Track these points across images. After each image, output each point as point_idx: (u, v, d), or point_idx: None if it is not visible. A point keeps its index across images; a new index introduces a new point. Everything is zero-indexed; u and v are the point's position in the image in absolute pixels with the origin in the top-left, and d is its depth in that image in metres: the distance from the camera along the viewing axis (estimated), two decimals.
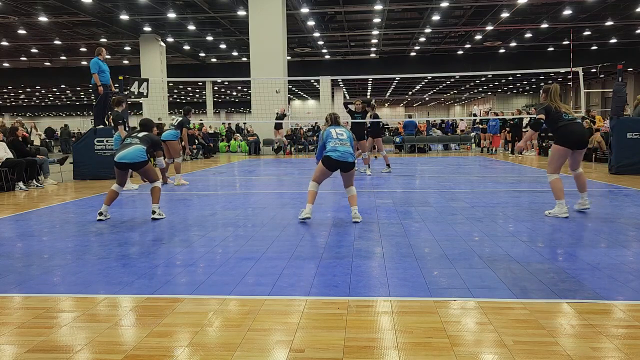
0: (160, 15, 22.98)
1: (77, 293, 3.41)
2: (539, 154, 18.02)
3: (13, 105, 62.48)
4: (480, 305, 3.04)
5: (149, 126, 6.68)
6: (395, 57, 34.11)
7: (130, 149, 6.16)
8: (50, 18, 22.48)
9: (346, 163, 5.71)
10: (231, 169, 14.49)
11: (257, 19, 18.14)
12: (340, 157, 5.67)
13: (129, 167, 6.26)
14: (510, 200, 7.24)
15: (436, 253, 4.29)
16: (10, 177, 9.58)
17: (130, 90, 11.99)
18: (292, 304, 3.13)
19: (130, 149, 6.15)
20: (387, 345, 2.53)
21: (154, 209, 6.16)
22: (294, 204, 7.25)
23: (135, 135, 6.36)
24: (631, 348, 2.46)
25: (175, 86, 45.45)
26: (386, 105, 71.57)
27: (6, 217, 6.62)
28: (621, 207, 6.57)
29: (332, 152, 5.71)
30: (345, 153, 5.70)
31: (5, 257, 4.41)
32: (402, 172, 12.39)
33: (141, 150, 6.18)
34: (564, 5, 21.63)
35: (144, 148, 6.22)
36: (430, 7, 21.94)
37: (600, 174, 10.78)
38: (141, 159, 6.16)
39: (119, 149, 6.26)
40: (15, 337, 2.71)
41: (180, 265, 4.03)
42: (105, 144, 11.31)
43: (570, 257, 4.10)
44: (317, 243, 4.75)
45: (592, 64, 16.91)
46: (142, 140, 6.30)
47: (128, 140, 6.29)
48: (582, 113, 14.08)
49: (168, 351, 2.51)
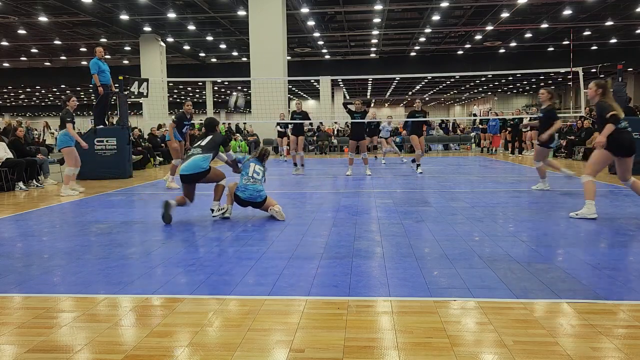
0: (160, 15, 22.97)
1: (77, 293, 3.41)
2: None
3: (13, 105, 62.44)
4: (480, 305, 3.04)
5: (212, 125, 6.31)
6: (395, 57, 34.09)
7: (190, 160, 5.93)
8: (50, 18, 22.46)
9: (255, 203, 6.04)
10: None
11: (257, 19, 18.14)
12: (249, 197, 6.00)
13: (191, 179, 5.97)
14: (510, 200, 7.24)
15: (436, 253, 4.29)
16: (10, 177, 9.58)
17: (130, 90, 11.98)
18: (292, 304, 3.13)
19: (190, 161, 5.93)
20: (387, 345, 2.53)
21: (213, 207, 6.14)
22: (294, 203, 7.25)
23: (199, 145, 6.08)
24: (631, 348, 2.46)
25: (175, 86, 45.43)
26: (386, 105, 71.53)
27: (6, 217, 6.62)
28: (621, 207, 6.57)
29: (242, 192, 6.01)
30: (254, 193, 5.99)
31: (5, 257, 4.41)
32: (402, 172, 12.39)
33: (202, 160, 5.92)
34: (564, 5, 21.62)
35: (205, 157, 5.95)
36: (430, 7, 21.93)
37: (600, 174, 10.73)
38: (201, 169, 5.92)
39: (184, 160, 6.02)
40: (15, 337, 2.71)
41: (180, 265, 4.03)
42: (105, 144, 11.30)
43: (570, 257, 4.10)
44: (317, 243, 4.75)
45: (592, 64, 16.89)
46: (205, 148, 6.03)
47: (191, 151, 6.05)
48: (582, 113, 14.07)
49: (168, 351, 2.51)
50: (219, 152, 6.26)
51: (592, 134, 14.80)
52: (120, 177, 11.22)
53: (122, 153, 11.38)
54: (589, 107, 15.12)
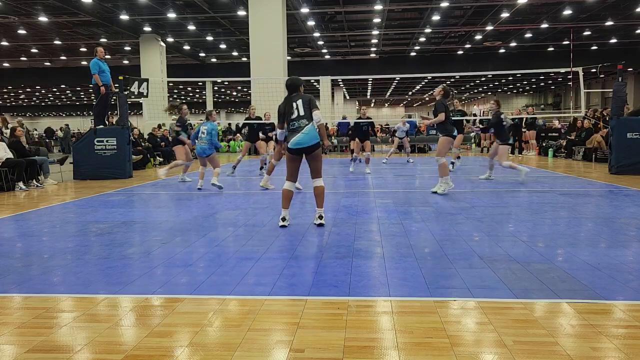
0: (160, 15, 22.97)
1: (77, 293, 3.41)
2: (538, 154, 18.01)
3: (13, 105, 62.43)
4: (480, 305, 3.04)
5: (297, 85, 5.62)
6: (395, 57, 34.06)
7: (305, 131, 5.37)
8: (50, 18, 22.45)
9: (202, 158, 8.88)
10: (231, 168, 14.45)
11: (257, 19, 18.12)
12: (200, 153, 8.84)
13: (308, 151, 5.43)
14: (510, 200, 7.24)
15: (436, 253, 4.29)
16: (10, 177, 9.58)
17: (130, 90, 11.99)
18: (292, 304, 3.13)
19: (306, 132, 5.36)
20: (387, 345, 2.53)
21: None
22: (294, 203, 7.25)
23: (298, 115, 5.43)
24: (631, 348, 2.46)
25: (175, 86, 45.41)
26: (386, 105, 71.53)
27: (6, 217, 6.61)
28: (621, 207, 6.57)
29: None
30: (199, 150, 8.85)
31: (5, 257, 4.41)
32: (402, 172, 12.39)
33: (314, 129, 5.39)
34: (564, 5, 21.62)
35: (313, 126, 5.41)
36: (430, 7, 21.92)
37: (600, 174, 10.77)
38: (317, 140, 5.42)
39: (290, 136, 5.40)
40: (15, 337, 2.71)
41: (180, 265, 4.03)
42: (105, 144, 11.30)
43: (570, 257, 4.10)
44: (317, 243, 4.75)
45: (592, 64, 16.88)
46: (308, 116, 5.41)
47: (297, 123, 5.41)
48: (581, 113, 14.06)
49: (168, 351, 2.51)
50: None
51: (592, 134, 14.80)
52: (120, 177, 11.22)
53: (122, 153, 11.38)
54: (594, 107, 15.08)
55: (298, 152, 5.46)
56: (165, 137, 17.60)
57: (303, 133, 5.35)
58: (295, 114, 5.43)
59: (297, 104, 5.46)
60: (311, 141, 5.37)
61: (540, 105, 53.27)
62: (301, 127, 5.38)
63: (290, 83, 5.62)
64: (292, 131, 5.42)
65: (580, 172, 11.48)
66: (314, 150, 5.43)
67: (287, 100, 5.55)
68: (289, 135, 5.45)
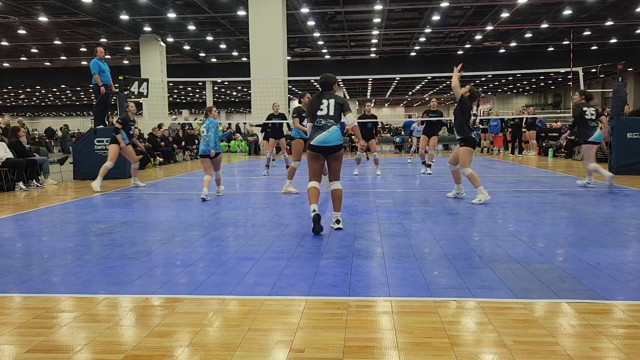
0: (160, 15, 22.97)
1: (77, 293, 3.41)
2: (538, 154, 18.01)
3: (13, 105, 62.44)
4: (480, 305, 3.04)
5: (330, 83, 5.53)
6: (395, 57, 34.06)
7: (331, 130, 5.25)
8: (50, 18, 22.45)
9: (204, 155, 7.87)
10: (231, 169, 14.47)
11: (257, 19, 18.12)
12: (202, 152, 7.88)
13: (332, 150, 5.30)
14: (510, 200, 7.24)
15: (436, 253, 4.29)
16: (10, 177, 9.58)
17: (130, 90, 11.99)
18: (292, 304, 3.13)
19: (331, 131, 5.25)
20: (387, 345, 2.53)
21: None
22: (294, 203, 7.25)
23: (327, 114, 5.30)
24: (631, 348, 2.46)
25: (175, 86, 45.41)
26: (386, 105, 71.53)
27: (6, 217, 6.61)
28: (621, 207, 6.57)
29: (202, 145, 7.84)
30: (203, 147, 7.86)
31: (5, 257, 4.41)
32: (402, 172, 12.39)
33: (338, 130, 5.31)
34: (564, 5, 21.62)
35: (339, 127, 5.34)
36: (430, 7, 21.93)
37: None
38: (341, 141, 5.33)
39: (313, 134, 5.29)
40: (15, 337, 2.71)
41: (180, 265, 4.03)
42: (105, 144, 11.29)
43: (570, 257, 4.10)
44: (317, 243, 4.75)
45: (592, 64, 16.91)
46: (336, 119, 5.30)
47: (323, 122, 5.28)
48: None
49: (168, 351, 2.51)
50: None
51: None
52: (120, 177, 11.22)
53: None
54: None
55: (322, 151, 5.32)
56: (165, 137, 17.60)
57: (328, 132, 5.24)
58: (324, 112, 5.32)
59: (328, 102, 5.37)
60: (336, 141, 5.27)
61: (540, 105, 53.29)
62: (327, 127, 5.26)
63: (324, 81, 5.56)
64: (316, 128, 5.32)
65: (581, 172, 11.46)
66: (337, 150, 5.33)
67: (319, 96, 5.46)
68: (313, 132, 5.35)
